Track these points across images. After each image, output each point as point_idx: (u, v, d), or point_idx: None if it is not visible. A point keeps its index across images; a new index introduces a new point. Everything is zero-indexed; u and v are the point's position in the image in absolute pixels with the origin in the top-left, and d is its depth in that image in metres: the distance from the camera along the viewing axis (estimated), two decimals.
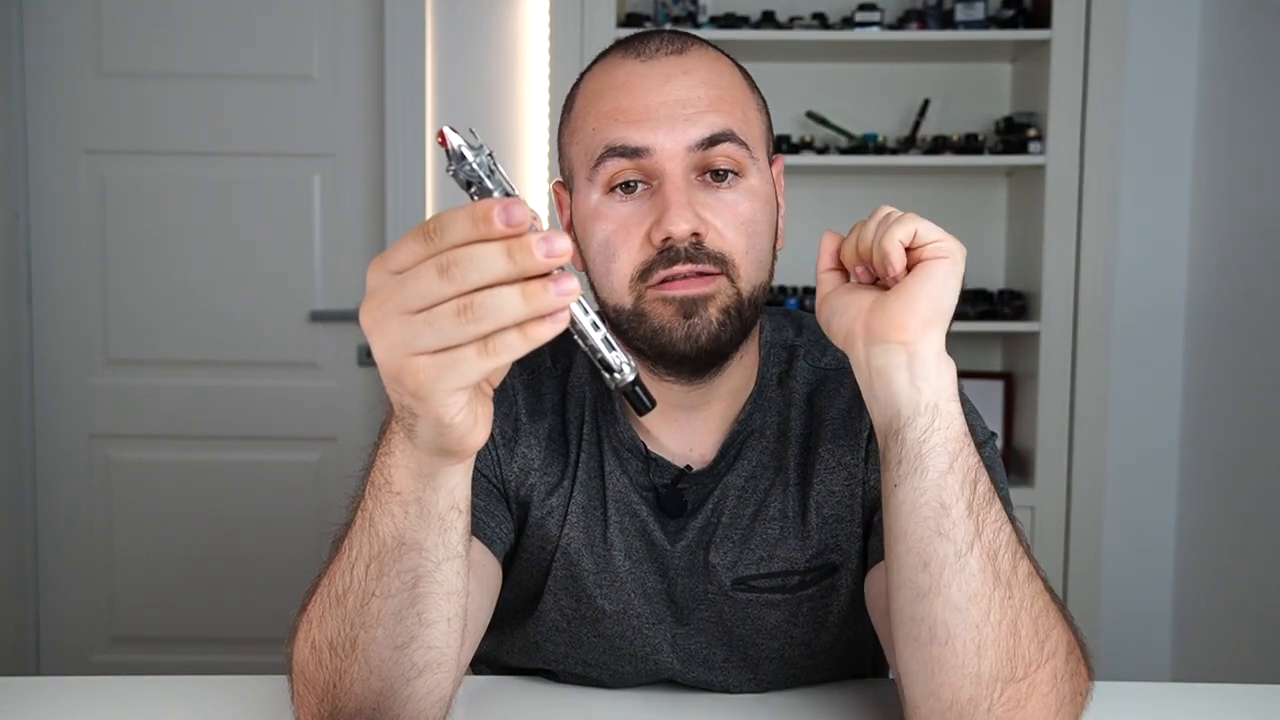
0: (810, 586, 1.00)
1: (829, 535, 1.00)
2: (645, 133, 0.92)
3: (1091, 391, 2.53)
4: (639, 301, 0.94)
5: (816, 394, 1.04)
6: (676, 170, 0.92)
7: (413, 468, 0.72)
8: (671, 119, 0.92)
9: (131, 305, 2.72)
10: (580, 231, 0.98)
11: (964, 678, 0.77)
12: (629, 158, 0.93)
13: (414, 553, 0.75)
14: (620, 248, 0.94)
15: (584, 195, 0.96)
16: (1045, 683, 0.77)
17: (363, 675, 0.79)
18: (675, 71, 0.94)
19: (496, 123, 2.63)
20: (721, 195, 0.94)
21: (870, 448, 1.00)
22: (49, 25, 2.68)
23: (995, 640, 0.76)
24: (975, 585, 0.76)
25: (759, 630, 1.01)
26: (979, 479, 0.79)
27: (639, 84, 0.94)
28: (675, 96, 0.93)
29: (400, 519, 0.74)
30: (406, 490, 0.73)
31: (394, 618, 0.77)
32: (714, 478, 1.01)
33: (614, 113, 0.94)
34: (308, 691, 0.82)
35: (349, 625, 0.78)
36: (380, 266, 0.61)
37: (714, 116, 0.93)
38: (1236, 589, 2.41)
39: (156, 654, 2.76)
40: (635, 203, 0.94)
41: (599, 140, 0.94)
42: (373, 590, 0.76)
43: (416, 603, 0.76)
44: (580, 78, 1.01)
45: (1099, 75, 2.46)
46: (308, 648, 0.81)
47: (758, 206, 0.95)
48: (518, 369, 1.05)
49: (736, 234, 0.93)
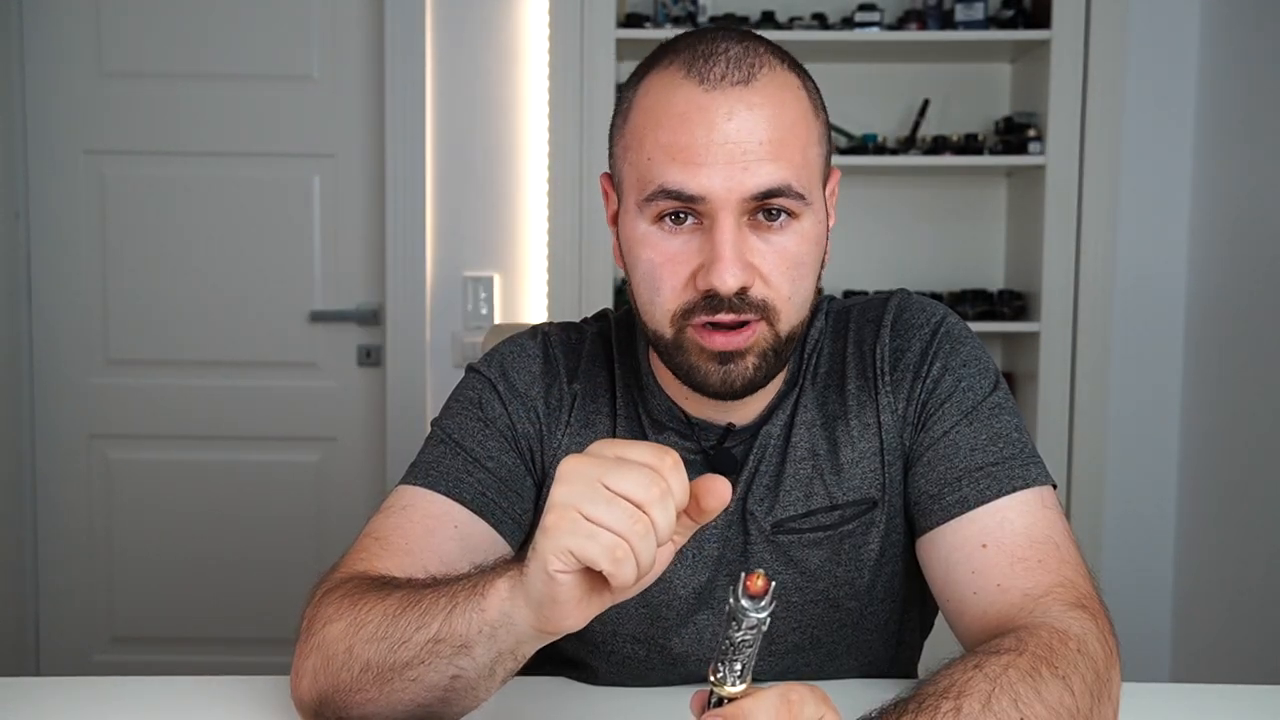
0: (850, 523, 1.02)
1: (865, 470, 1.02)
2: (701, 180, 0.90)
3: (1091, 391, 2.53)
4: (679, 335, 0.95)
5: (838, 332, 1.06)
6: (729, 219, 0.90)
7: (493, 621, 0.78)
8: (729, 164, 0.90)
9: (131, 305, 2.72)
10: (626, 251, 0.98)
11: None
12: (682, 201, 0.92)
13: (466, 659, 0.80)
14: (665, 284, 0.94)
15: (632, 218, 0.95)
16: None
17: (378, 700, 0.83)
18: (739, 106, 0.90)
19: (496, 123, 2.63)
20: (771, 239, 0.93)
21: (899, 378, 1.02)
22: (49, 25, 2.68)
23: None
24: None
25: (802, 573, 1.02)
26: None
27: (699, 118, 0.90)
28: (735, 139, 0.90)
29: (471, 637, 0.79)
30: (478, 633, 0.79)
31: (427, 689, 0.82)
32: (753, 430, 1.03)
33: (671, 149, 0.91)
34: (322, 666, 0.85)
35: (388, 664, 0.82)
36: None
37: (772, 168, 0.90)
38: (1236, 589, 2.41)
39: (156, 654, 2.76)
40: (684, 237, 0.93)
41: (653, 177, 0.92)
42: (423, 659, 0.81)
43: (449, 693, 0.82)
44: (640, 76, 0.97)
45: (1099, 75, 2.46)
46: (341, 636, 0.84)
47: (806, 249, 0.94)
48: (560, 346, 1.09)
49: (782, 279, 0.93)
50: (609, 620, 1.04)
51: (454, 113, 2.63)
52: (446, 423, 1.05)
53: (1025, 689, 0.76)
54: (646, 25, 2.55)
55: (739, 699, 0.65)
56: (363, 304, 2.72)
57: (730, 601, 0.64)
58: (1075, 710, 0.78)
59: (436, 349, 2.66)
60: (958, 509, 0.96)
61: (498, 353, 1.09)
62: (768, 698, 0.64)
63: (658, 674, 1.05)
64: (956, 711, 0.73)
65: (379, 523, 1.00)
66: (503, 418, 1.04)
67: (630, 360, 1.07)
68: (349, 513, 2.70)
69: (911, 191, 2.73)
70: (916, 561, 1.02)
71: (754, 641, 0.65)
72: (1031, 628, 0.84)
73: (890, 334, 1.04)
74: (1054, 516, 0.95)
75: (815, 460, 1.02)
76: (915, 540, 1.01)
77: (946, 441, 0.99)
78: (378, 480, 2.71)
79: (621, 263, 0.99)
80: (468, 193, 2.64)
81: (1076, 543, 0.95)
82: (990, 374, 1.02)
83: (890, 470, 1.02)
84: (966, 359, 1.02)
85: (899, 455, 1.02)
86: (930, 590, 1.01)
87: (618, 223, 1.00)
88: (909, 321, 1.04)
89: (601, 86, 2.50)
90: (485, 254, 2.65)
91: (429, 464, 1.02)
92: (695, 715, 0.67)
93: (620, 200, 0.99)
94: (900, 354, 1.03)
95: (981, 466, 0.96)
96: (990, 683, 0.76)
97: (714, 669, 0.66)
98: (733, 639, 0.65)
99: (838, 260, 2.65)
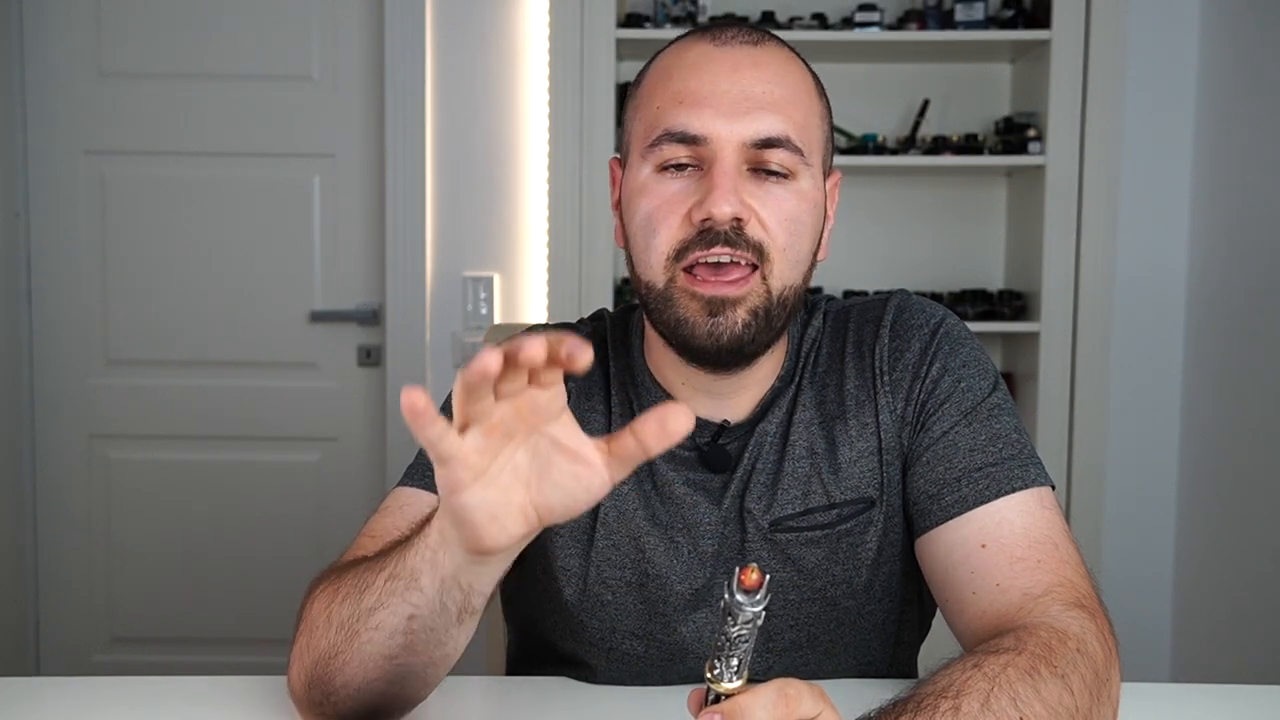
0: (848, 522, 1.02)
1: (863, 469, 1.02)
2: (705, 121, 0.93)
3: (1091, 391, 2.53)
4: (670, 285, 0.95)
5: (837, 331, 1.06)
6: (729, 158, 0.93)
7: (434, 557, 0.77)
8: (732, 110, 0.93)
9: (131, 305, 2.72)
10: (626, 206, 0.99)
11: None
12: (685, 144, 0.94)
13: (416, 593, 0.79)
14: (661, 224, 0.95)
15: (635, 170, 0.98)
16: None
17: (351, 661, 0.84)
18: (746, 61, 0.95)
19: (496, 123, 2.63)
20: (769, 189, 0.95)
21: (898, 379, 1.02)
22: (49, 25, 2.68)
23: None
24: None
25: (800, 571, 1.02)
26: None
27: (708, 66, 0.95)
28: (741, 88, 0.94)
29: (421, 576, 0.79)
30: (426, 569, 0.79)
31: (388, 635, 0.82)
32: (749, 427, 1.03)
33: (679, 94, 0.95)
34: (307, 643, 0.86)
35: (356, 616, 0.82)
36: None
37: (774, 118, 0.94)
38: (1236, 589, 2.41)
39: (156, 654, 2.76)
40: (683, 182, 0.95)
41: (659, 122, 0.95)
42: (383, 601, 0.81)
43: (410, 637, 0.81)
44: (654, 57, 1.02)
45: (1099, 75, 2.46)
46: (322, 608, 0.86)
47: (804, 208, 0.96)
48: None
49: (779, 227, 0.94)
50: (607, 617, 1.04)
51: (454, 113, 2.63)
52: None
53: (1024, 688, 0.76)
54: (646, 25, 2.55)
55: (736, 695, 0.65)
56: (363, 304, 2.72)
57: (725, 597, 0.64)
58: (1074, 709, 0.78)
59: (436, 349, 2.66)
60: (957, 509, 0.96)
61: None
62: (765, 693, 0.64)
63: (657, 672, 1.05)
64: (955, 711, 0.73)
65: (376, 522, 1.00)
66: None
67: (625, 357, 1.08)
68: (349, 513, 2.70)
69: (911, 191, 2.73)
70: (914, 561, 1.03)
71: (750, 637, 0.65)
72: (1030, 627, 0.84)
73: (889, 334, 1.04)
74: (1053, 516, 0.95)
75: (813, 459, 1.02)
76: (914, 540, 1.01)
77: (945, 442, 0.99)
78: (378, 480, 2.71)
79: (623, 243, 1.01)
80: (468, 193, 2.64)
81: (1075, 543, 0.96)
82: (989, 375, 1.02)
83: (888, 470, 1.02)
84: (966, 360, 1.02)
85: (897, 455, 1.02)
86: (928, 590, 1.01)
87: (621, 185, 1.01)
88: (908, 322, 1.05)
89: (601, 86, 2.50)
90: (485, 254, 2.65)
91: (425, 466, 1.03)
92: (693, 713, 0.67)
93: (625, 165, 1.01)
94: (899, 354, 1.03)
95: (980, 467, 0.97)
96: (989, 682, 0.76)
97: (710, 665, 0.66)
98: (728, 634, 0.65)
99: (838, 260, 2.66)
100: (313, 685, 0.86)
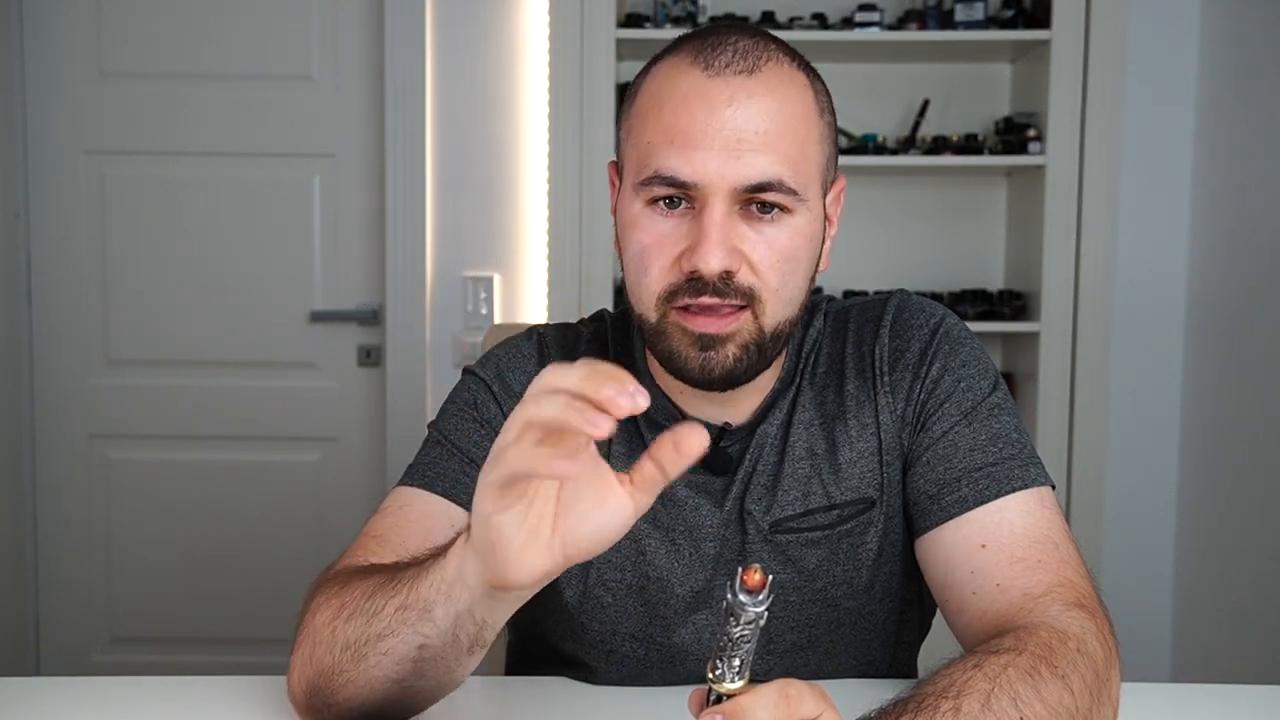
0: (848, 522, 1.02)
1: (863, 470, 1.02)
2: (696, 165, 0.91)
3: (1091, 392, 2.53)
4: (662, 320, 0.95)
5: (837, 332, 1.06)
6: (719, 205, 0.91)
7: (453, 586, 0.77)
8: (724, 152, 0.91)
9: (131, 305, 2.72)
10: (621, 231, 0.99)
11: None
12: (676, 187, 0.93)
13: (429, 625, 0.79)
14: (652, 265, 0.94)
15: (628, 200, 0.97)
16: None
17: (356, 680, 0.83)
18: (740, 94, 0.92)
19: (496, 123, 2.63)
20: (763, 229, 0.93)
21: (898, 379, 1.02)
22: (49, 25, 2.68)
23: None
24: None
25: (800, 572, 1.02)
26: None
27: (699, 103, 0.92)
28: (733, 126, 0.91)
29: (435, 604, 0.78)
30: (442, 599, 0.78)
31: (397, 662, 0.81)
32: (749, 429, 1.03)
33: (670, 131, 0.92)
34: (309, 654, 0.86)
35: (364, 639, 0.82)
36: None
37: (766, 160, 0.91)
38: (1236, 589, 2.41)
39: (156, 654, 2.76)
40: (675, 220, 0.94)
41: (650, 161, 0.93)
42: (393, 628, 0.80)
43: (419, 665, 0.81)
44: (649, 66, 0.99)
45: (1099, 75, 2.46)
46: (327, 621, 0.85)
47: (799, 243, 0.95)
48: (556, 347, 1.10)
49: (770, 270, 0.93)
50: (608, 619, 1.04)
51: (454, 112, 2.63)
52: (443, 425, 1.06)
53: (1024, 688, 0.76)
54: (646, 25, 2.55)
55: (737, 695, 0.65)
56: (363, 304, 2.72)
57: (728, 597, 0.64)
58: (1074, 709, 0.78)
59: (436, 349, 2.66)
60: (957, 509, 0.96)
61: (493, 355, 1.10)
62: (766, 693, 0.64)
63: (657, 673, 1.05)
64: (956, 711, 0.73)
65: (377, 523, 1.00)
66: (498, 419, 1.04)
67: (626, 359, 1.07)
68: (349, 513, 2.70)
69: (911, 192, 2.73)
70: (914, 561, 1.03)
71: (752, 637, 0.65)
72: (1031, 627, 0.84)
73: (889, 334, 1.04)
74: (1053, 516, 0.95)
75: (813, 460, 1.02)
76: (914, 540, 1.01)
77: (946, 442, 0.99)
78: (378, 480, 2.71)
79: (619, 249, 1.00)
80: (468, 193, 2.64)
81: (1075, 543, 0.96)
82: (989, 375, 1.02)
83: (888, 470, 1.02)
84: (966, 359, 1.02)
85: (897, 455, 1.02)
86: (928, 590, 1.01)
87: (617, 203, 1.01)
88: (908, 322, 1.05)
89: (601, 87, 2.50)
90: (485, 254, 2.65)
91: (426, 465, 1.03)
92: (694, 713, 0.67)
93: (621, 184, 1.00)
94: (899, 354, 1.03)
95: (980, 467, 0.97)
96: (989, 682, 0.76)
97: (712, 666, 0.66)
98: (730, 635, 0.65)
99: (838, 260, 2.64)
100: (314, 695, 0.86)
